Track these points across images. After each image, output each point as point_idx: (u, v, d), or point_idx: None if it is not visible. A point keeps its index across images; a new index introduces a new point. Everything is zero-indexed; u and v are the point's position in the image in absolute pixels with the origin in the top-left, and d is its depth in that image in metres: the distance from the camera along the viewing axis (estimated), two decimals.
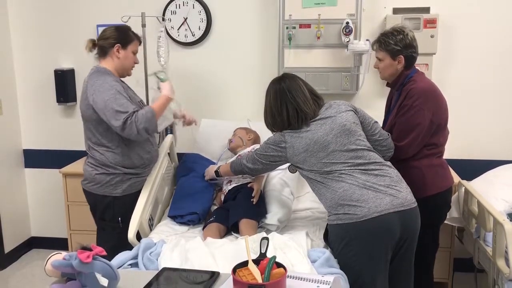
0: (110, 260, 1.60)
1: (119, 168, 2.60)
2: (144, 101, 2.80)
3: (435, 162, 2.54)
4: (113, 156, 2.59)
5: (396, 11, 3.25)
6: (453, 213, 2.91)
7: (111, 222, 2.66)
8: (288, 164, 2.41)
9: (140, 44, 2.72)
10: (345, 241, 2.14)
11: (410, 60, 2.52)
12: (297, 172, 2.40)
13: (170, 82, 2.74)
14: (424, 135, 2.45)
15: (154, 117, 2.51)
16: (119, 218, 2.62)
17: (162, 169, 2.87)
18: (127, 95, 2.53)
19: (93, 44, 2.63)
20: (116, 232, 2.63)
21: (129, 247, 2.39)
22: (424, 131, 2.44)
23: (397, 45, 2.48)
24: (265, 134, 2.58)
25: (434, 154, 2.53)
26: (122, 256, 2.08)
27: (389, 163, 2.30)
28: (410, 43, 2.49)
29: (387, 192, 2.14)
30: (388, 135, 2.43)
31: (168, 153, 3.07)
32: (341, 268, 2.09)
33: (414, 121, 2.42)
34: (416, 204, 2.22)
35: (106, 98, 2.45)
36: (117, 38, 2.60)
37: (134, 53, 2.67)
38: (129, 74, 2.72)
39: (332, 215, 2.17)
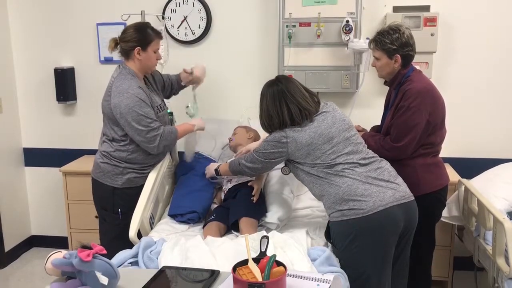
0: (109, 253, 1.61)
1: (121, 162, 2.67)
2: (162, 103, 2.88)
3: (429, 161, 2.54)
4: (118, 150, 2.67)
5: (396, 9, 3.25)
6: (453, 211, 2.91)
7: (111, 212, 2.72)
8: (282, 165, 2.42)
9: (161, 39, 2.72)
10: (351, 237, 2.14)
11: (407, 58, 2.51)
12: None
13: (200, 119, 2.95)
14: (421, 135, 2.45)
15: (176, 139, 2.76)
16: (119, 210, 2.69)
17: (163, 167, 2.87)
18: (149, 103, 2.62)
19: (116, 43, 2.64)
20: (115, 224, 2.70)
21: (128, 242, 2.43)
22: (421, 132, 2.44)
23: (393, 44, 2.47)
24: (265, 132, 2.57)
25: (430, 153, 2.53)
26: (122, 255, 2.09)
27: (384, 159, 2.33)
28: (406, 42, 2.48)
29: (388, 186, 2.18)
30: None
31: (170, 152, 3.07)
32: (346, 265, 2.10)
33: (412, 122, 2.42)
34: (414, 197, 2.26)
35: (131, 105, 2.53)
36: (137, 41, 2.59)
37: (155, 51, 2.68)
38: (152, 70, 2.79)
39: (336, 212, 2.18)
